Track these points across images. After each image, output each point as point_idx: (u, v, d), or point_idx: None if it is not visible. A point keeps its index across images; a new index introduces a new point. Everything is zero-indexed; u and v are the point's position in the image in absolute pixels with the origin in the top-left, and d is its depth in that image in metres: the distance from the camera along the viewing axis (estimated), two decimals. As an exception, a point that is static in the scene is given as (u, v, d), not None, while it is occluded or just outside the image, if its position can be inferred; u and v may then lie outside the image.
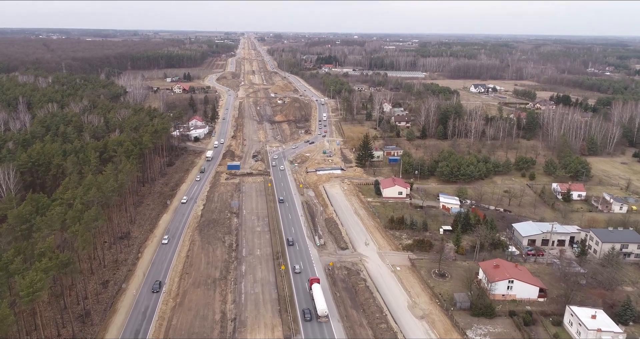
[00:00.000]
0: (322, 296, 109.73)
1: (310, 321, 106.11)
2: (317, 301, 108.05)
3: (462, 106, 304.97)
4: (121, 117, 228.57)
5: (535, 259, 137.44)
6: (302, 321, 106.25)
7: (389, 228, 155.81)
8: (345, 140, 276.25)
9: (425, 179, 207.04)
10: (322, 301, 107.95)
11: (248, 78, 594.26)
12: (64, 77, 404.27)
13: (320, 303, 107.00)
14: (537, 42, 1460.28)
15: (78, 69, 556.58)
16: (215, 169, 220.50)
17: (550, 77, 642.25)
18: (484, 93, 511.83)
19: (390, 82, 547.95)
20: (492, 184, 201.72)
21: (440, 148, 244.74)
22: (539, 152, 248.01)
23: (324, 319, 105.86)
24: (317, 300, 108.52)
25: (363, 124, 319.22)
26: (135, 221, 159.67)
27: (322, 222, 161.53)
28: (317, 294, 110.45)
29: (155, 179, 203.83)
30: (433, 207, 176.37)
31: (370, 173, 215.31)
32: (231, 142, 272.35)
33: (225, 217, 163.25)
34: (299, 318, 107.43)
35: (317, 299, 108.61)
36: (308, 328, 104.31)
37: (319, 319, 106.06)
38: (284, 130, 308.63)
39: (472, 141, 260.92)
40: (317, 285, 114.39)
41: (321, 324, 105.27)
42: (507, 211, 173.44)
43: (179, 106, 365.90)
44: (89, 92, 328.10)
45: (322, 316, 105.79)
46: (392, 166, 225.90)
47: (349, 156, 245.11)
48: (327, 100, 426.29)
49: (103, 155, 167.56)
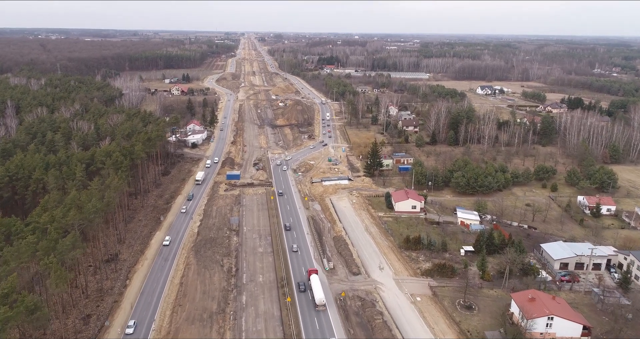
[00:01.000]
0: (320, 287, 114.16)
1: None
2: (315, 291, 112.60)
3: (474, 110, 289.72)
4: (113, 124, 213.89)
5: (571, 286, 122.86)
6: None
7: (405, 248, 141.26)
8: (351, 146, 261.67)
9: (440, 190, 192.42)
10: (320, 291, 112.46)
11: (248, 79, 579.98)
12: (57, 78, 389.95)
13: (319, 293, 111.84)
14: (539, 42, 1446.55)
15: (74, 70, 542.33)
16: (213, 178, 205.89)
17: (557, 78, 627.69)
18: (491, 95, 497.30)
19: (394, 84, 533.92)
20: (512, 197, 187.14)
21: (453, 155, 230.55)
22: (557, 159, 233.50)
23: (322, 307, 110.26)
24: (315, 290, 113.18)
25: (369, 129, 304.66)
26: (125, 240, 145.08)
27: (331, 242, 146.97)
28: (315, 284, 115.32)
29: (149, 191, 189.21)
30: (450, 223, 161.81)
31: (379, 183, 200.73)
32: (230, 148, 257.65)
33: (224, 236, 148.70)
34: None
35: (316, 290, 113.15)
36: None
37: (316, 308, 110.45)
38: (286, 135, 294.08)
39: (486, 148, 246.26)
40: (315, 276, 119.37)
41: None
42: (532, 228, 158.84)
43: (176, 109, 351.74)
44: (82, 95, 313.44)
45: (319, 305, 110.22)
46: (402, 175, 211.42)
47: (356, 164, 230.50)
48: (330, 102, 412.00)
49: (90, 167, 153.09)
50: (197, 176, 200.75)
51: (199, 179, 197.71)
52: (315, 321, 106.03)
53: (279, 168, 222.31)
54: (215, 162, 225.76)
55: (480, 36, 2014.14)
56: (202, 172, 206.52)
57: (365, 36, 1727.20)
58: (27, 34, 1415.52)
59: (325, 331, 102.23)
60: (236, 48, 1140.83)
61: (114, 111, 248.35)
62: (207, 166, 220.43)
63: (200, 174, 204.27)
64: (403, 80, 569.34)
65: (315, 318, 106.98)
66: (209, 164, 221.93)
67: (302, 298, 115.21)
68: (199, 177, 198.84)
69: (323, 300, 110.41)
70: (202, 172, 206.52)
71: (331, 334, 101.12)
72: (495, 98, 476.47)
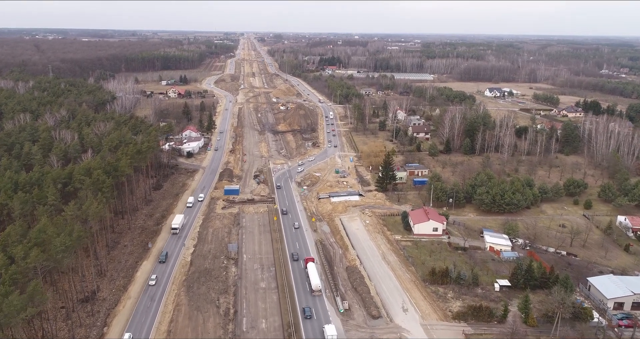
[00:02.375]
0: (316, 273, 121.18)
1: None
2: (312, 278, 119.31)
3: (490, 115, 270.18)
4: (100, 133, 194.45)
5: (633, 333, 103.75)
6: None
7: (430, 282, 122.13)
8: (359, 155, 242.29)
9: (461, 208, 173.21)
10: (316, 277, 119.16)
11: (248, 81, 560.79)
12: (47, 81, 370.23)
13: (315, 279, 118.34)
14: (541, 42, 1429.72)
15: (67, 71, 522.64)
16: (210, 193, 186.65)
17: (567, 79, 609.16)
18: (500, 97, 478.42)
19: (398, 86, 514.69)
20: (542, 215, 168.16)
21: (471, 166, 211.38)
22: (585, 171, 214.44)
23: (317, 293, 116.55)
24: (311, 277, 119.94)
25: (377, 135, 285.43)
26: (107, 272, 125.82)
27: (344, 273, 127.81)
28: (311, 271, 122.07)
29: (138, 209, 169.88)
30: (478, 248, 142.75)
31: (393, 199, 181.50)
32: (229, 158, 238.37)
33: (221, 266, 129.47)
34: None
35: (312, 276, 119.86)
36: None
37: (313, 294, 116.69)
38: (288, 142, 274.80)
39: (506, 158, 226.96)
40: (312, 264, 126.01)
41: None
42: (572, 255, 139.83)
43: (172, 113, 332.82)
44: (70, 99, 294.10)
45: (315, 291, 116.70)
46: (417, 189, 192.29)
47: (365, 176, 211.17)
48: (333, 106, 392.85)
49: (67, 188, 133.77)
50: (173, 221, 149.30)
51: (176, 226, 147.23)
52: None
53: (281, 181, 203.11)
54: (200, 200, 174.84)
55: (480, 36, 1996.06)
56: (180, 217, 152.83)
57: (365, 36, 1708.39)
58: (24, 34, 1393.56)
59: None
60: (235, 48, 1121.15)
61: (102, 117, 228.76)
62: (189, 205, 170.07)
63: (177, 219, 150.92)
64: (408, 81, 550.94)
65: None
66: (190, 203, 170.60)
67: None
68: (176, 224, 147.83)
69: (319, 286, 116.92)
70: (180, 217, 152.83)
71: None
72: (505, 101, 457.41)
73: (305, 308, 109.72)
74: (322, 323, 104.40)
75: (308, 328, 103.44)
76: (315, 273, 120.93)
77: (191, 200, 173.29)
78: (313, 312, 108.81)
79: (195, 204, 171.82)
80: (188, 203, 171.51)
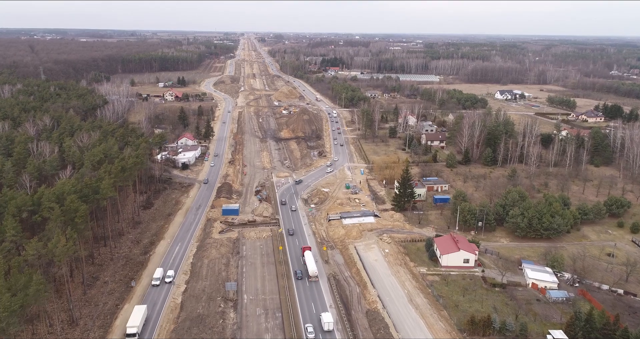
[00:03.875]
0: (313, 261, 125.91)
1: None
2: (309, 265, 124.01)
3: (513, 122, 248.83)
4: (83, 145, 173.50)
5: None
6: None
7: (468, 332, 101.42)
8: (370, 167, 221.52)
9: (491, 232, 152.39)
10: (313, 264, 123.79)
11: (248, 82, 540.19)
12: (36, 84, 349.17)
13: (312, 266, 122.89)
14: (544, 42, 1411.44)
15: (60, 73, 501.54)
16: (206, 214, 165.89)
17: (579, 81, 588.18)
18: (511, 100, 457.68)
19: (405, 88, 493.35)
20: (585, 241, 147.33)
21: (495, 180, 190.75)
22: (621, 185, 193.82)
23: (314, 278, 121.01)
24: (308, 264, 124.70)
25: (387, 144, 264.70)
26: (80, 319, 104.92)
27: (363, 320, 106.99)
28: (308, 259, 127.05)
29: (123, 233, 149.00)
30: (518, 285, 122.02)
31: (413, 221, 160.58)
32: (228, 170, 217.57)
33: (217, 311, 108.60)
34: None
35: (309, 263, 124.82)
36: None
37: (309, 279, 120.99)
38: (292, 151, 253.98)
39: (532, 170, 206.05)
40: (309, 252, 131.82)
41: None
42: (631, 295, 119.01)
43: (168, 118, 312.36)
44: (58, 104, 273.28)
45: (312, 277, 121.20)
46: (439, 207, 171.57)
47: (379, 191, 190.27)
48: (338, 109, 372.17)
49: (35, 217, 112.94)
50: (129, 322, 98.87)
51: (133, 331, 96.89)
52: None
53: (286, 197, 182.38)
54: (168, 280, 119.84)
55: (480, 36, 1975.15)
56: (139, 312, 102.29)
57: (365, 36, 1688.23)
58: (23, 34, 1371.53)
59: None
60: (235, 49, 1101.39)
61: (88, 126, 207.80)
62: (155, 283, 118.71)
63: (135, 316, 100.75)
64: (414, 83, 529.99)
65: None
66: (157, 281, 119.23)
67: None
68: (132, 327, 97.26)
69: (315, 272, 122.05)
70: (139, 312, 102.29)
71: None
72: (517, 104, 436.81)
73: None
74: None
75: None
76: (312, 260, 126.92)
77: (158, 275, 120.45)
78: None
79: (162, 284, 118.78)
80: (154, 280, 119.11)
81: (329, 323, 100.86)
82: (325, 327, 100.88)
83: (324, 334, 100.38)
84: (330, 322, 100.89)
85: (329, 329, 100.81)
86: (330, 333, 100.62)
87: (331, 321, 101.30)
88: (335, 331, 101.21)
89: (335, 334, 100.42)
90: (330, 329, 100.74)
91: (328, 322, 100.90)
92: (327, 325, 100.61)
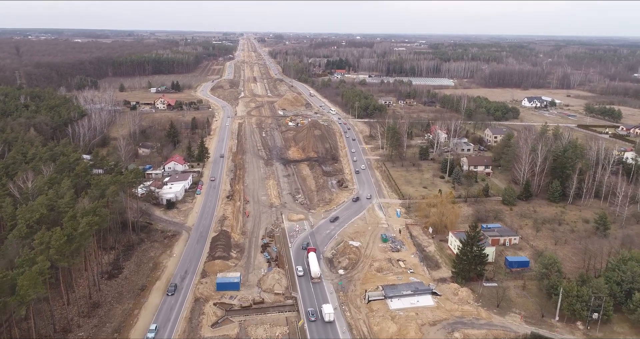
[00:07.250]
0: (316, 262, 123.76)
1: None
2: (312, 265, 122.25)
3: (583, 147, 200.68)
4: (24, 190, 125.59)
5: None
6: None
7: None
8: (407, 203, 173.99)
9: (606, 323, 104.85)
10: (316, 265, 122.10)
11: (249, 87, 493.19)
12: (4, 93, 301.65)
13: (315, 267, 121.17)
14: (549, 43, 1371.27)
15: (40, 78, 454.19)
16: (194, 288, 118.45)
17: (608, 86, 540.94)
18: (542, 108, 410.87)
19: (421, 93, 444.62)
20: None
21: (573, 225, 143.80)
22: None
23: (317, 280, 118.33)
24: (311, 264, 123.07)
25: (420, 169, 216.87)
26: None
27: None
28: (312, 260, 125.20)
29: (71, 330, 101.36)
30: None
31: (488, 302, 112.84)
32: (225, 209, 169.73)
33: None
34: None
35: (312, 264, 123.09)
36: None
37: (312, 280, 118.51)
38: (305, 179, 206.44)
39: (623, 212, 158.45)
40: (313, 254, 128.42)
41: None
42: None
43: (156, 133, 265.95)
44: (21, 119, 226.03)
45: (315, 277, 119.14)
46: (515, 275, 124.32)
47: (426, 245, 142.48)
48: (352, 120, 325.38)
49: None
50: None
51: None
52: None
53: (304, 256, 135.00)
54: None
55: (483, 36, 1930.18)
56: None
57: (367, 36, 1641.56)
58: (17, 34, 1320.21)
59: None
60: (235, 49, 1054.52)
61: (46, 154, 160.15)
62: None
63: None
64: (429, 88, 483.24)
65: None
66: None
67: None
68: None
69: (319, 273, 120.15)
70: None
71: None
72: (550, 113, 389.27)
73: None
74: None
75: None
76: (315, 260, 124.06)
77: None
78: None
79: None
80: None
81: (330, 314, 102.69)
82: (327, 318, 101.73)
83: None
84: (330, 313, 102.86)
85: (329, 320, 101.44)
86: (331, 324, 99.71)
87: (331, 312, 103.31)
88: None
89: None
90: (331, 320, 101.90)
91: (329, 313, 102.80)
92: (328, 316, 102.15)
